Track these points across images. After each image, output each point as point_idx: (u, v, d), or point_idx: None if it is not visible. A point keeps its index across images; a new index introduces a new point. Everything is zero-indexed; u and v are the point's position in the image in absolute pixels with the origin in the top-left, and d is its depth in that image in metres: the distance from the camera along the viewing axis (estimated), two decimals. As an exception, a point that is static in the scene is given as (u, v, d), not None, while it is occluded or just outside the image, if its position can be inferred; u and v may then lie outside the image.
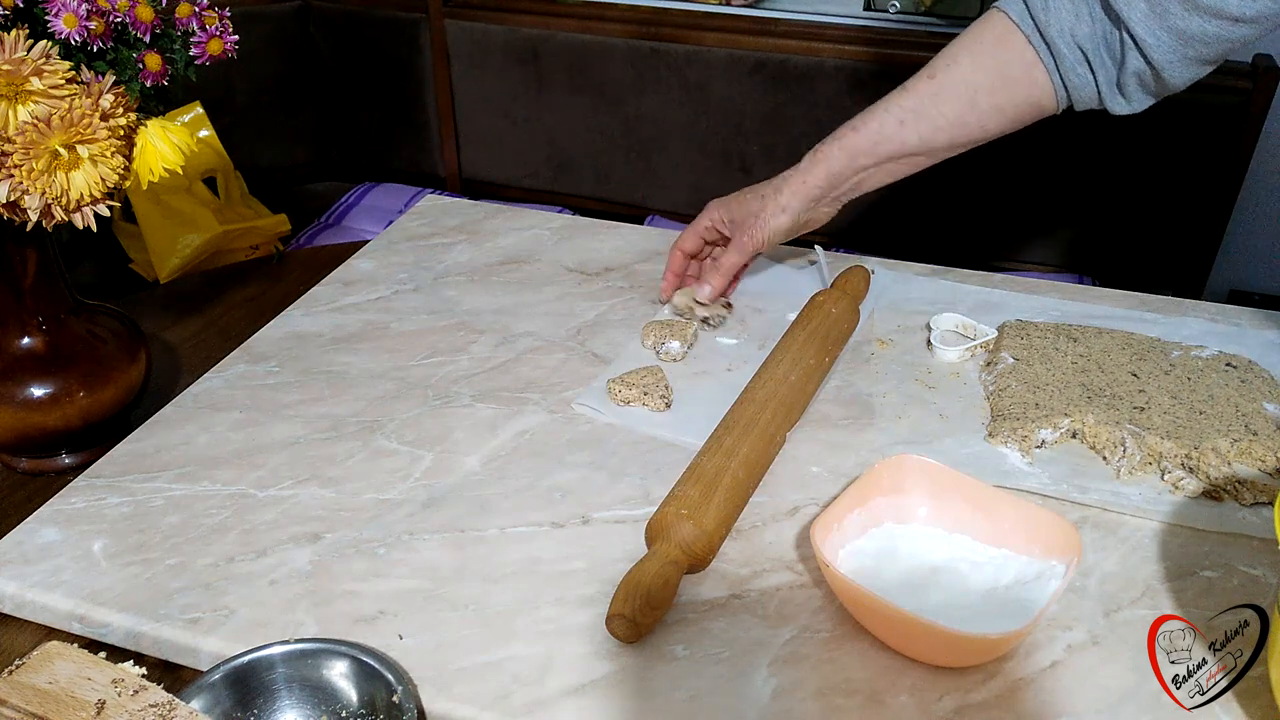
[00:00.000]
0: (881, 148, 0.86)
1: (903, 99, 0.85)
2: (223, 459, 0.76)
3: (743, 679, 0.59)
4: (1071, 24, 0.79)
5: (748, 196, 0.91)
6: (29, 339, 0.76)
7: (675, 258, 0.95)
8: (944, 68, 0.84)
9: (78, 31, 0.65)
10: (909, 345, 0.90)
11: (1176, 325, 0.91)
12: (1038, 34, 0.80)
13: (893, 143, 0.85)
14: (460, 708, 0.58)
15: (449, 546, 0.68)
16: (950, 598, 0.63)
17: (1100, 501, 0.72)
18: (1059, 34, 0.79)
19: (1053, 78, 0.81)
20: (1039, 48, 0.80)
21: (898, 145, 0.86)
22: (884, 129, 0.85)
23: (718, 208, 0.93)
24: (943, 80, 0.84)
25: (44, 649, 0.57)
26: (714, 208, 0.93)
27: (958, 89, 0.83)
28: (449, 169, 1.92)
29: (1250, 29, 0.74)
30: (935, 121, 0.84)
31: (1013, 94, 0.83)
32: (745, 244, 0.90)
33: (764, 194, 0.90)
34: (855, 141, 0.86)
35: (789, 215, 0.89)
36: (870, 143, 0.86)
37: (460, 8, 1.79)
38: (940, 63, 0.84)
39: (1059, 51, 0.80)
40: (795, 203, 0.88)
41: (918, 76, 0.85)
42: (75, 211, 0.66)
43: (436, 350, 0.89)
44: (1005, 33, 0.82)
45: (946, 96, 0.84)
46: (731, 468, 0.69)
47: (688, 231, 0.95)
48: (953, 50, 0.84)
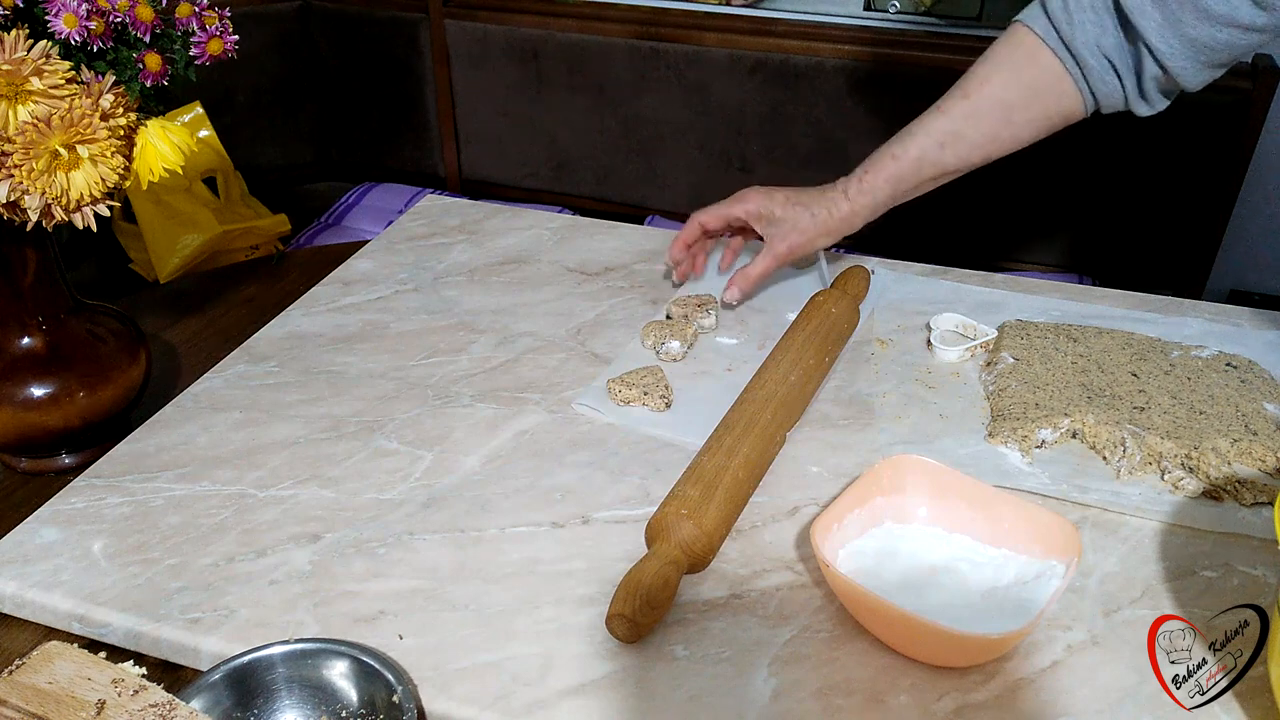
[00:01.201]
0: (924, 172, 0.87)
1: (939, 122, 0.86)
2: (223, 459, 0.76)
3: (743, 679, 0.59)
4: (1097, 35, 0.80)
5: (794, 207, 0.90)
6: (29, 339, 0.76)
7: (693, 229, 0.94)
8: (977, 87, 0.85)
9: (78, 31, 0.65)
10: (909, 345, 0.90)
11: (1176, 325, 0.91)
12: (1064, 47, 0.82)
13: (934, 167, 0.87)
14: (460, 708, 0.58)
15: (449, 546, 0.68)
16: (950, 598, 0.63)
17: (1100, 501, 0.72)
18: (1084, 46, 0.81)
19: (1080, 87, 0.83)
20: (1065, 60, 0.82)
21: (939, 168, 0.87)
22: (925, 154, 0.86)
23: (758, 200, 0.91)
24: (977, 100, 0.85)
25: (44, 649, 0.56)
26: (754, 198, 0.91)
27: (993, 107, 0.85)
28: (449, 169, 1.92)
29: (1261, 36, 0.75)
30: (973, 140, 0.86)
31: (1045, 106, 0.84)
32: (781, 254, 0.91)
33: (813, 211, 0.89)
34: (899, 170, 0.87)
35: (831, 239, 0.91)
36: (913, 170, 0.87)
37: (460, 8, 1.79)
38: (972, 82, 0.85)
39: (1086, 63, 0.81)
40: (843, 229, 0.90)
41: (950, 97, 0.86)
42: (75, 211, 0.66)
43: (436, 350, 0.89)
44: (1033, 48, 0.83)
45: (982, 115, 0.85)
46: (731, 467, 0.69)
47: (719, 209, 0.93)
48: (983, 69, 0.85)
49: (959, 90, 0.86)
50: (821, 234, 0.90)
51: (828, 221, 0.89)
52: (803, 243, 0.90)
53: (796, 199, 0.90)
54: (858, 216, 0.89)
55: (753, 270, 0.92)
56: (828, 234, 0.90)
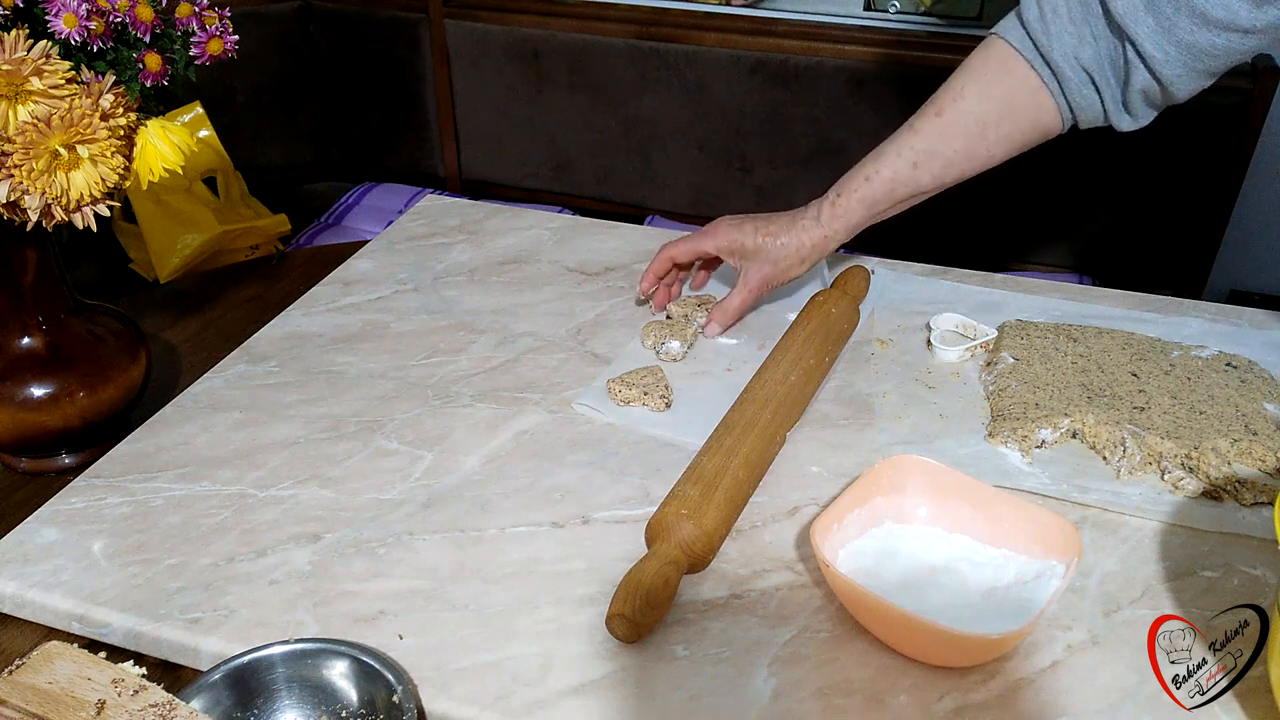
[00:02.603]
0: (898, 192, 0.85)
1: (912, 140, 0.84)
2: (223, 459, 0.76)
3: (743, 679, 0.59)
4: (1074, 46, 0.78)
5: (765, 237, 0.88)
6: (29, 339, 0.76)
7: (663, 263, 0.92)
8: (950, 102, 0.83)
9: (78, 31, 0.65)
10: (909, 345, 0.90)
11: (1176, 325, 0.91)
12: (1040, 59, 0.80)
13: (908, 186, 0.85)
14: (460, 708, 0.58)
15: (449, 546, 0.68)
16: (950, 598, 0.63)
17: (1100, 501, 0.72)
18: (1062, 57, 0.78)
19: (1058, 101, 0.81)
20: (1043, 73, 0.80)
21: (913, 187, 0.85)
22: (898, 175, 0.84)
23: (727, 233, 0.89)
24: (950, 115, 0.83)
25: (44, 649, 0.56)
26: (723, 232, 0.90)
27: (966, 123, 0.82)
28: (449, 169, 1.92)
29: (1258, 40, 0.73)
30: (946, 158, 0.83)
31: (1019, 121, 0.82)
32: (755, 287, 0.89)
33: (782, 239, 0.87)
34: (872, 193, 0.85)
35: (807, 265, 0.89)
36: (886, 191, 0.85)
37: (460, 8, 1.79)
38: (946, 97, 0.83)
39: (1063, 75, 0.79)
40: (816, 255, 0.88)
41: (923, 114, 0.84)
42: (75, 211, 0.66)
43: (436, 350, 0.89)
44: (1008, 60, 0.81)
45: (956, 131, 0.83)
46: (731, 467, 0.69)
47: (688, 244, 0.92)
48: (957, 83, 0.83)
49: (932, 107, 0.84)
50: (795, 263, 0.88)
51: (799, 250, 0.88)
52: (775, 273, 0.89)
53: (766, 229, 0.88)
54: (832, 241, 0.87)
55: (730, 304, 0.90)
56: (801, 262, 0.88)
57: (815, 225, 0.87)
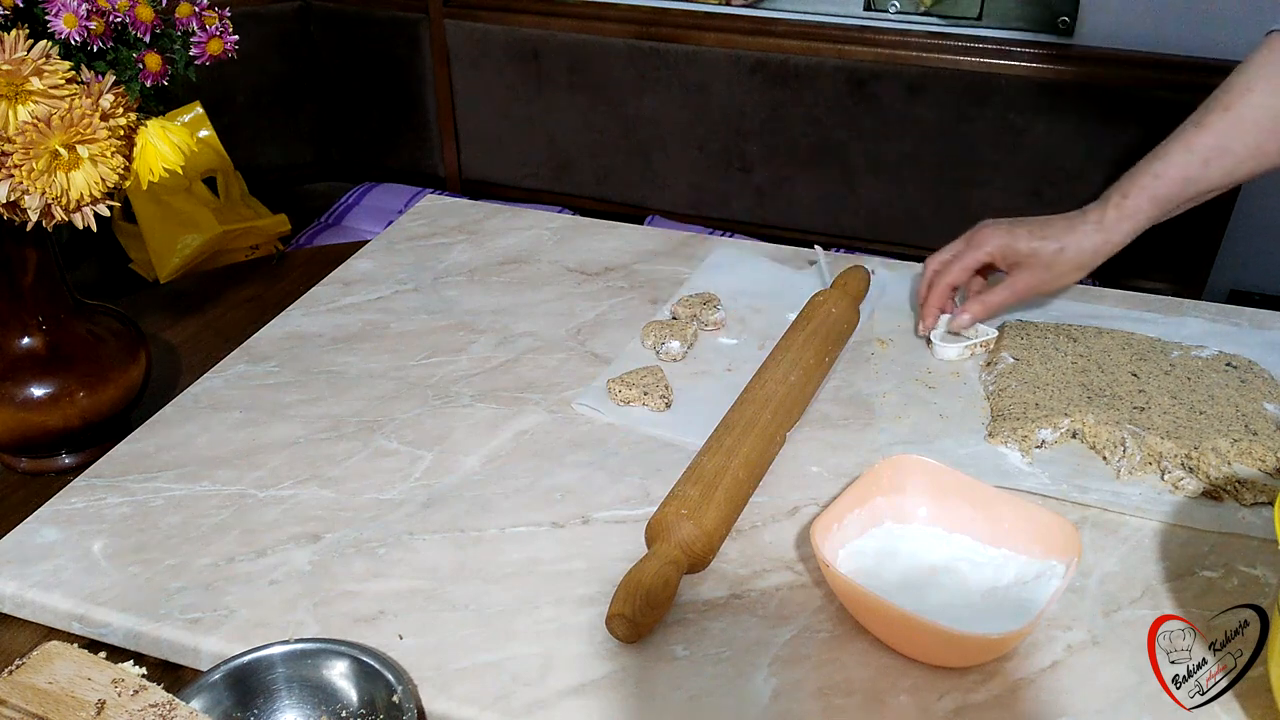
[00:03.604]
0: (1189, 190, 0.83)
1: (1201, 136, 0.82)
2: (223, 459, 0.76)
3: (743, 679, 0.59)
4: None
5: (1040, 241, 0.85)
6: (29, 339, 0.76)
7: (942, 291, 0.89)
8: (1239, 97, 0.81)
9: (78, 31, 0.65)
10: (909, 345, 0.90)
11: (1176, 325, 0.91)
12: None
13: (1199, 184, 0.83)
14: (460, 708, 0.58)
15: (449, 546, 0.68)
16: (950, 598, 0.63)
17: (1100, 501, 0.72)
18: None
19: None
20: None
21: (1204, 185, 0.83)
22: (1189, 172, 0.82)
23: (997, 238, 0.87)
24: (1240, 111, 0.81)
25: (44, 649, 0.57)
26: (993, 238, 0.87)
27: (1258, 117, 0.81)
28: (449, 169, 1.92)
29: None
30: (1238, 154, 0.82)
31: None
32: (1022, 291, 0.87)
33: (1062, 244, 0.85)
34: (1164, 191, 0.83)
35: (1081, 274, 0.87)
36: (1178, 189, 0.83)
37: (460, 8, 1.79)
38: (1233, 94, 0.81)
39: None
40: (1093, 262, 0.86)
41: (1209, 110, 0.82)
42: (75, 211, 0.66)
43: (436, 350, 0.89)
44: None
45: (1247, 127, 0.81)
46: (731, 467, 0.69)
47: (959, 265, 0.88)
48: (1243, 80, 0.82)
49: (1217, 103, 0.82)
50: (1072, 269, 0.86)
51: (1079, 257, 0.85)
52: (1048, 280, 0.86)
53: (1041, 233, 0.86)
54: (1112, 245, 0.85)
55: (993, 299, 0.88)
56: (1079, 269, 0.86)
57: (1096, 230, 0.85)
